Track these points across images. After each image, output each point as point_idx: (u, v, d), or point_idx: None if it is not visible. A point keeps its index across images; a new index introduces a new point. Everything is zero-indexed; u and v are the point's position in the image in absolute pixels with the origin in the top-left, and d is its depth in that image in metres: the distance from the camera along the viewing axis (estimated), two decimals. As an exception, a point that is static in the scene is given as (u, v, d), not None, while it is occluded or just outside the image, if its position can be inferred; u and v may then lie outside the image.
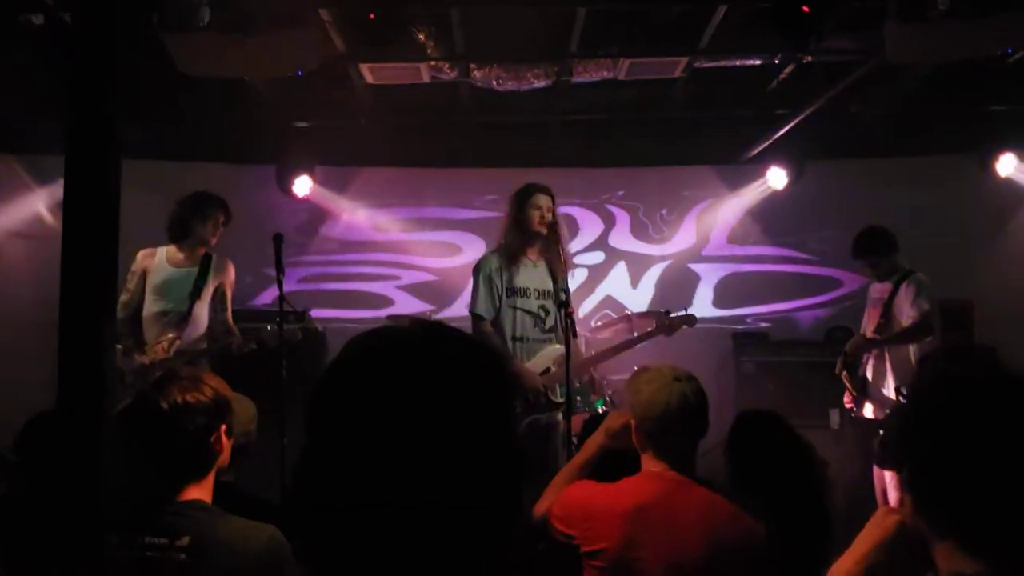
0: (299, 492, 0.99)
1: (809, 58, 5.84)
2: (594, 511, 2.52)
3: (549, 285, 4.92)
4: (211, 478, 2.24)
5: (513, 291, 4.87)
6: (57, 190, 3.22)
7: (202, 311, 5.04)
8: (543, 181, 7.54)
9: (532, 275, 4.91)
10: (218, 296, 5.15)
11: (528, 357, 4.85)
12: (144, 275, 4.98)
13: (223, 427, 2.23)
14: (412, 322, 1.05)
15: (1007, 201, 7.31)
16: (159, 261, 5.02)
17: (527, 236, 4.88)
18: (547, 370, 4.86)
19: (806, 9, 4.27)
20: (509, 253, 4.90)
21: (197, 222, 5.02)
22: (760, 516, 2.57)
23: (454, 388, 0.97)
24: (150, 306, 4.96)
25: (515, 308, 4.87)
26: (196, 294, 4.99)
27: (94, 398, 2.90)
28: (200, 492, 2.20)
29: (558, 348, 4.82)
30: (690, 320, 5.29)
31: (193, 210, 5.02)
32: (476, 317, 4.88)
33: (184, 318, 4.94)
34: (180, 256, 5.05)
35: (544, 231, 4.87)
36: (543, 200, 4.88)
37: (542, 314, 4.91)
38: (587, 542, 2.51)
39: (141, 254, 5.01)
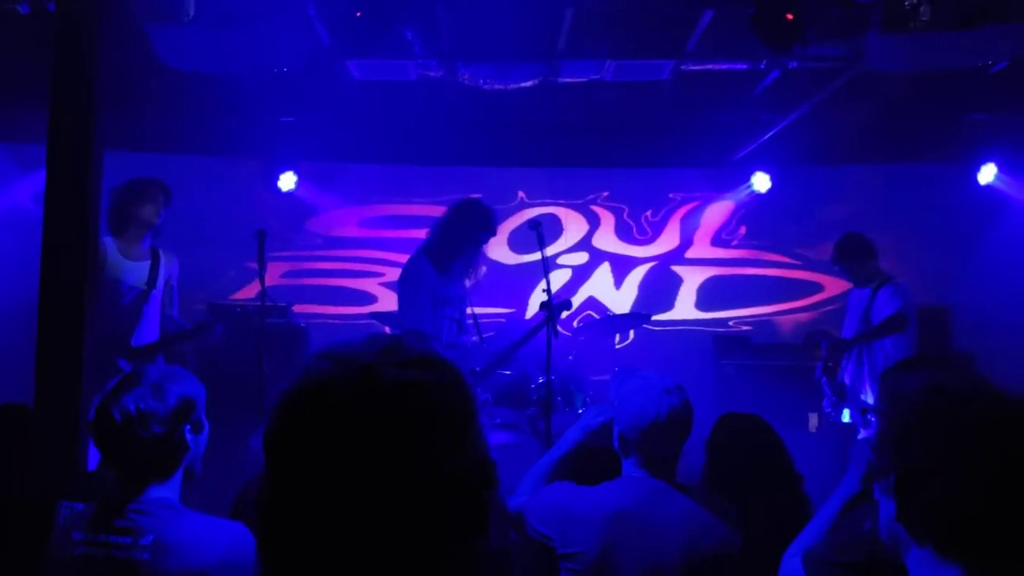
0: (265, 527, 0.98)
1: (794, 64, 5.87)
2: (572, 514, 2.52)
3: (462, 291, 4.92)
4: (179, 476, 2.21)
5: (443, 300, 4.80)
6: (41, 180, 3.20)
7: (156, 303, 4.93)
8: (528, 180, 7.65)
9: (453, 284, 4.86)
10: (167, 290, 5.03)
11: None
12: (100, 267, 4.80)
13: (187, 427, 2.19)
14: (369, 345, 1.01)
15: (987, 210, 7.37)
16: (112, 252, 4.82)
17: (460, 255, 4.82)
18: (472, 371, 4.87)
19: (790, 17, 4.29)
20: (440, 263, 4.79)
21: (136, 207, 4.82)
22: (737, 517, 2.59)
23: (420, 423, 0.96)
24: (107, 299, 4.80)
25: (444, 318, 4.82)
26: (152, 285, 4.87)
27: (72, 390, 2.91)
28: (166, 490, 2.17)
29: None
30: (566, 305, 5.13)
31: (129, 197, 4.82)
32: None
33: (139, 309, 4.84)
34: (127, 248, 4.87)
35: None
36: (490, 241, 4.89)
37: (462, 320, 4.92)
38: (564, 544, 2.51)
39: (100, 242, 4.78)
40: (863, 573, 1.90)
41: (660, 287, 7.69)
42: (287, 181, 7.05)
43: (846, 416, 5.62)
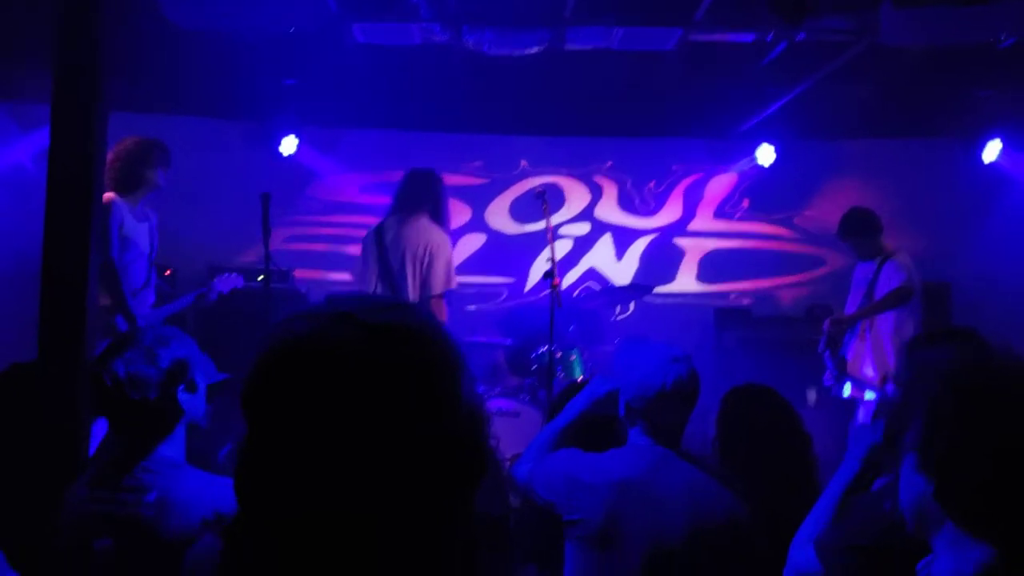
0: (244, 485, 0.97)
1: (802, 36, 5.82)
2: (578, 481, 2.53)
3: None
4: (180, 435, 2.23)
5: None
6: (42, 139, 3.17)
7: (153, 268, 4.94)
8: (531, 149, 7.59)
9: None
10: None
11: None
12: (116, 224, 4.78)
13: (180, 388, 2.20)
14: (348, 304, 0.99)
15: (991, 186, 7.35)
16: (125, 211, 4.77)
17: None
18: None
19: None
20: None
21: (147, 170, 4.79)
22: (746, 487, 2.60)
23: (399, 365, 0.94)
24: (126, 258, 4.78)
25: None
26: (152, 248, 4.88)
27: (75, 350, 2.90)
28: (169, 449, 2.20)
29: None
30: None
31: (139, 157, 4.78)
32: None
33: (152, 269, 4.86)
34: (132, 208, 4.82)
35: None
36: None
37: None
38: (569, 511, 2.52)
39: (106, 200, 4.53)
40: (880, 556, 1.89)
41: (662, 259, 7.67)
42: (289, 145, 7.00)
43: (847, 390, 5.63)
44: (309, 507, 0.92)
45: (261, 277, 4.73)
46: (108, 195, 4.65)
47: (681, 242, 7.72)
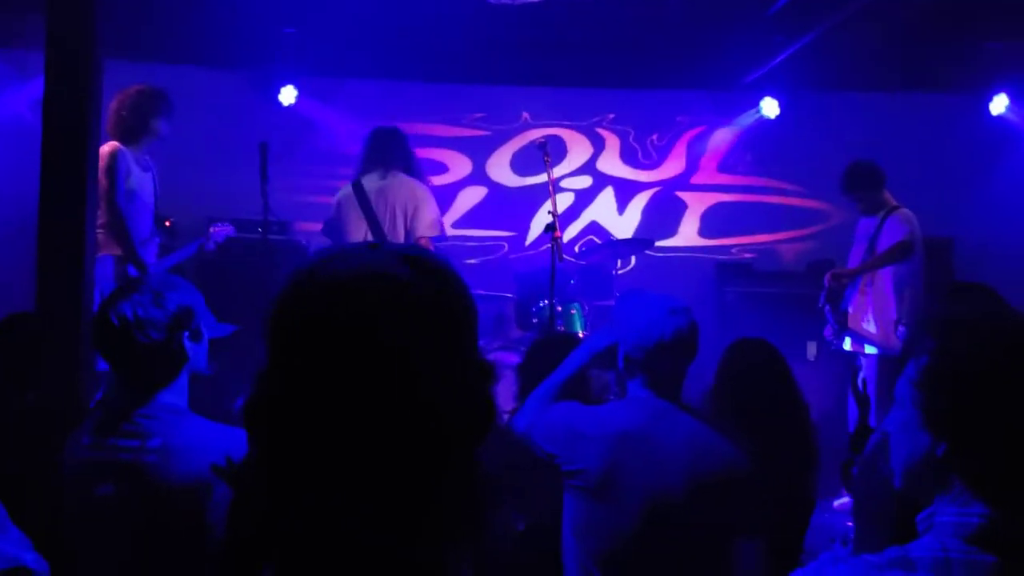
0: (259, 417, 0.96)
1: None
2: (577, 432, 2.54)
3: None
4: (183, 382, 2.23)
5: None
6: (40, 87, 3.13)
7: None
8: (533, 101, 7.51)
9: None
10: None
11: None
12: (118, 174, 4.74)
13: (185, 335, 2.20)
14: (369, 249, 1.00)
15: (998, 141, 7.29)
16: (129, 161, 4.74)
17: None
18: None
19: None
20: None
21: (150, 119, 4.75)
22: (744, 441, 2.60)
23: (423, 321, 0.94)
24: (131, 207, 4.77)
25: None
26: (157, 195, 4.88)
27: (73, 299, 2.89)
28: (172, 395, 2.20)
29: None
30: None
31: (145, 108, 4.75)
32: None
33: (155, 218, 4.88)
34: (136, 158, 4.81)
35: None
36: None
37: None
38: (568, 462, 2.53)
39: (109, 151, 4.61)
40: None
41: (664, 213, 7.63)
42: (288, 95, 6.93)
43: (847, 344, 5.64)
44: (326, 442, 0.91)
45: (260, 228, 4.70)
46: (112, 144, 4.65)
47: (683, 196, 7.67)
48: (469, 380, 0.97)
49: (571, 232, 7.51)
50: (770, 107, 7.23)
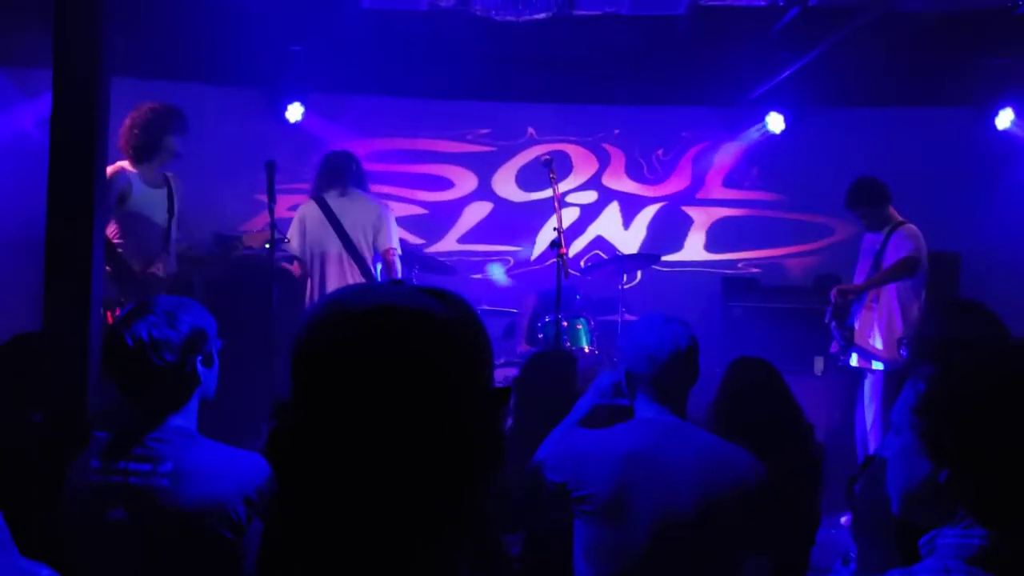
0: (283, 447, 0.98)
1: (814, 2, 5.73)
2: (584, 456, 2.54)
3: None
4: (194, 406, 2.22)
5: None
6: (45, 105, 3.14)
7: (174, 229, 4.97)
8: (538, 116, 7.53)
9: None
10: (178, 216, 5.06)
11: None
12: (121, 193, 4.80)
13: (199, 359, 2.19)
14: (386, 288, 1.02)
15: (1002, 155, 7.28)
16: (134, 179, 4.82)
17: None
18: None
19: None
20: None
21: (163, 136, 4.81)
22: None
23: (453, 352, 0.97)
24: (135, 226, 4.83)
25: None
26: (171, 212, 4.90)
27: (80, 319, 2.88)
28: (182, 419, 2.18)
29: None
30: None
31: (162, 127, 4.81)
32: None
33: (166, 236, 4.88)
34: (146, 175, 4.87)
35: None
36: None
37: None
38: (577, 487, 2.52)
39: (113, 171, 4.69)
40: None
41: (669, 227, 7.62)
42: (294, 112, 6.95)
43: (854, 360, 5.62)
44: (349, 475, 0.93)
45: (267, 245, 4.71)
46: (115, 165, 4.70)
47: (689, 210, 7.67)
48: (488, 407, 0.99)
49: (577, 247, 7.51)
50: (775, 122, 7.24)
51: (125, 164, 4.79)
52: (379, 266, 5.53)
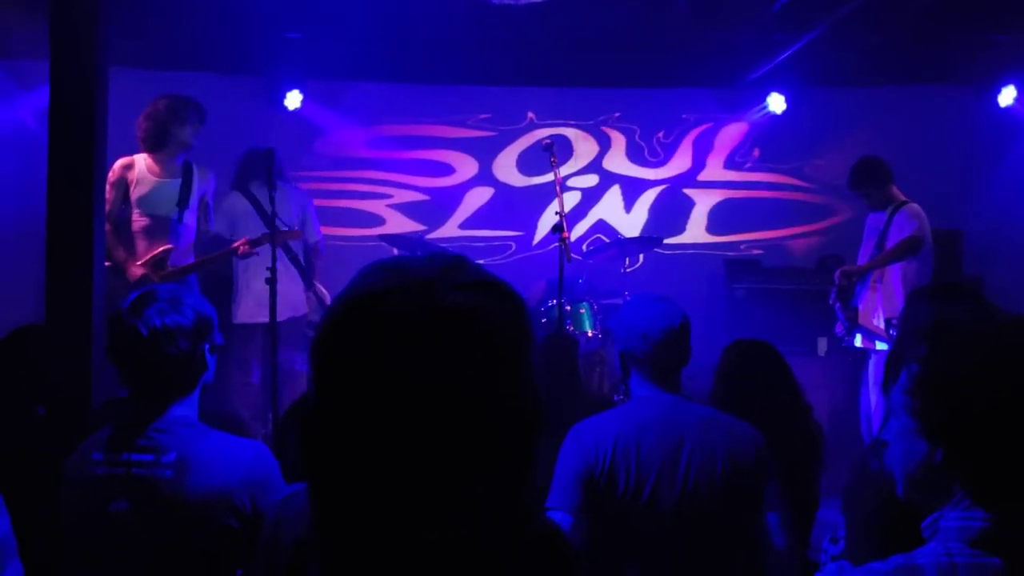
0: (310, 445, 0.93)
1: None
2: (596, 435, 2.52)
3: None
4: (196, 395, 2.21)
5: None
6: (43, 97, 3.13)
7: (191, 221, 4.99)
8: (538, 100, 7.51)
9: None
10: (202, 207, 5.11)
11: None
12: (126, 186, 4.87)
13: (207, 346, 2.19)
14: (427, 259, 0.96)
15: (1005, 133, 7.25)
16: (141, 171, 4.88)
17: None
18: None
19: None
20: None
21: (175, 127, 4.87)
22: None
23: (477, 348, 0.90)
24: (139, 219, 4.89)
25: None
26: (184, 203, 4.92)
27: (82, 311, 2.88)
28: (186, 409, 2.18)
29: None
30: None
31: (169, 116, 4.86)
32: None
33: (175, 228, 4.89)
34: (159, 167, 4.92)
35: None
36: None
37: None
38: (600, 474, 2.49)
39: (119, 164, 4.84)
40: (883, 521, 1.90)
41: (671, 210, 7.60)
42: (293, 100, 6.93)
43: (858, 340, 5.61)
44: (367, 467, 0.89)
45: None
46: (129, 157, 4.88)
47: (691, 193, 7.65)
48: (531, 386, 0.94)
49: (579, 231, 7.50)
50: (776, 103, 7.20)
51: (139, 156, 4.90)
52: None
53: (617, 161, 7.63)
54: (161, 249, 4.77)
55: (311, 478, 0.93)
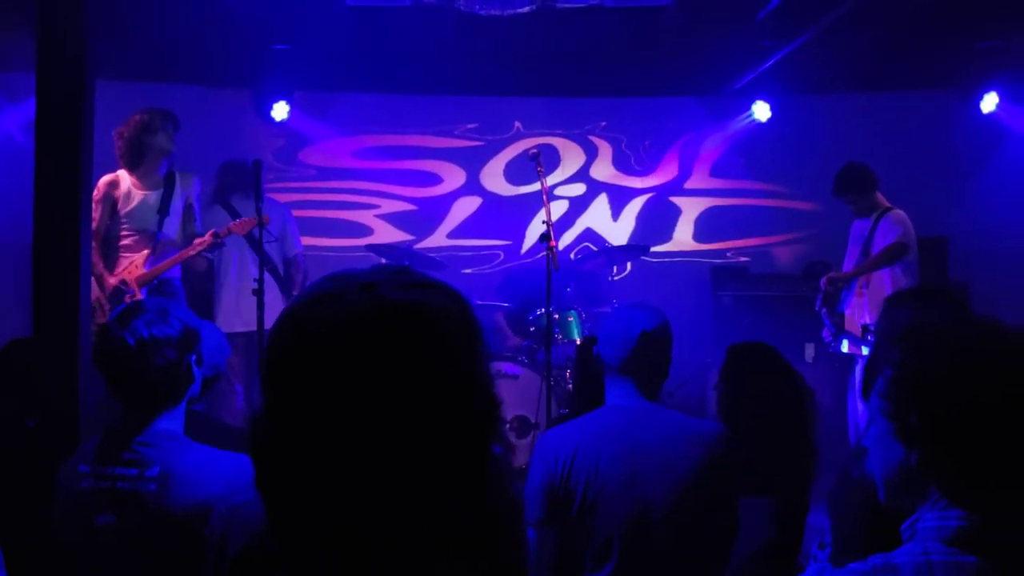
0: (262, 456, 0.95)
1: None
2: (556, 446, 2.54)
3: None
4: (182, 408, 2.21)
5: None
6: (30, 109, 3.13)
7: (172, 228, 5.04)
8: (525, 110, 7.53)
9: None
10: (187, 210, 5.17)
11: None
12: (113, 202, 4.93)
13: (193, 358, 2.19)
14: (375, 272, 0.97)
15: (988, 139, 7.31)
16: (126, 187, 4.95)
17: None
18: None
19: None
20: None
21: (148, 137, 4.92)
22: (750, 444, 2.61)
23: (421, 344, 0.92)
24: (127, 233, 4.95)
25: None
26: (165, 211, 4.98)
27: (70, 323, 2.88)
28: (171, 422, 2.17)
29: None
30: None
31: (140, 128, 4.93)
32: None
33: (153, 235, 4.95)
34: (142, 181, 4.99)
35: None
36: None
37: None
38: (561, 484, 2.52)
39: (104, 181, 4.90)
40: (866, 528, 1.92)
41: (658, 218, 7.64)
42: (280, 111, 6.94)
43: (845, 346, 5.64)
44: (322, 473, 0.90)
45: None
46: (114, 174, 4.95)
47: (677, 201, 7.68)
48: (485, 380, 0.96)
49: (566, 239, 7.52)
50: (762, 111, 7.25)
51: (121, 172, 4.97)
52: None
53: (604, 170, 7.66)
54: (139, 256, 4.89)
55: (265, 485, 0.95)
